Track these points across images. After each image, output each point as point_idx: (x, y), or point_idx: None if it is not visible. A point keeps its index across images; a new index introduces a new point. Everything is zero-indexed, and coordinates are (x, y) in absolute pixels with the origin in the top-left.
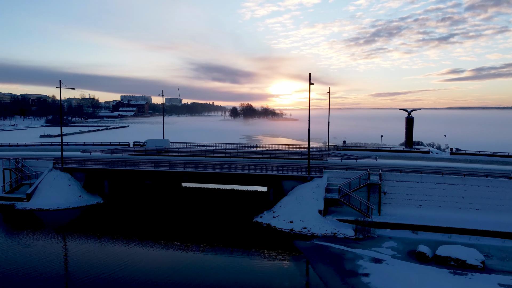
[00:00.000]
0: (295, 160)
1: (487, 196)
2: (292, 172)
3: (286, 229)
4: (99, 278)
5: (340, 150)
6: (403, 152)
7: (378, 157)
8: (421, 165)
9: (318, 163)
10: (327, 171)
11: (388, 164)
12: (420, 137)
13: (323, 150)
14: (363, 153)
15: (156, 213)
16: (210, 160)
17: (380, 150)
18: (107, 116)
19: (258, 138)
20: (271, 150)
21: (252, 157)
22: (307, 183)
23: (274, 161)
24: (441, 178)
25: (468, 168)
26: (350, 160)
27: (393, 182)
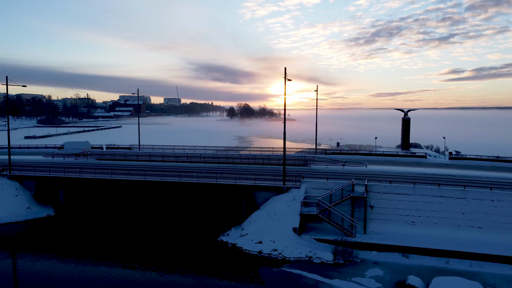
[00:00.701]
0: (276, 166)
1: (491, 211)
2: (266, 181)
3: (254, 251)
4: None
5: (328, 154)
6: (397, 157)
7: (369, 162)
8: (415, 173)
9: (300, 170)
10: (306, 181)
11: (378, 171)
12: (418, 138)
13: (310, 154)
14: (353, 157)
15: (111, 228)
16: (182, 166)
17: (372, 154)
18: (103, 116)
19: (251, 139)
20: (254, 154)
21: (229, 163)
22: (282, 195)
23: (253, 168)
24: (437, 190)
25: (468, 176)
26: (336, 167)
27: (381, 195)
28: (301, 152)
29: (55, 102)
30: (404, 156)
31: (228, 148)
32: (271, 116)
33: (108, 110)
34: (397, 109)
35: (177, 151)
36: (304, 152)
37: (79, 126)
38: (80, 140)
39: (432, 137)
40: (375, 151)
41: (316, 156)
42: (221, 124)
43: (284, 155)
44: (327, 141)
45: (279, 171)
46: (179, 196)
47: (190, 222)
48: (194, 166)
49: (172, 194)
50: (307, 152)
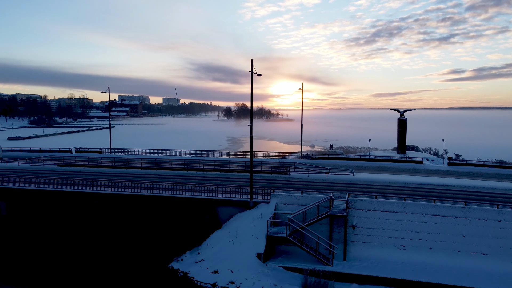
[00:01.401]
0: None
1: (498, 234)
2: (231, 195)
3: (207, 284)
4: None
5: (314, 159)
6: (391, 162)
7: (358, 169)
8: (409, 182)
9: (277, 179)
10: (277, 194)
11: (366, 180)
12: (416, 140)
13: (294, 159)
14: (341, 162)
15: (45, 249)
16: (146, 173)
17: (362, 159)
18: (98, 116)
19: (242, 140)
20: (229, 159)
21: (200, 169)
22: (248, 212)
23: (226, 176)
24: (432, 208)
25: (470, 187)
26: (319, 175)
27: (365, 212)
28: (287, 157)
29: (51, 102)
30: (398, 161)
31: (206, 153)
32: (269, 116)
33: (105, 110)
34: (392, 109)
35: (149, 156)
36: (289, 156)
37: (70, 126)
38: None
39: (431, 138)
40: (366, 155)
41: (297, 162)
42: (217, 124)
43: (251, 162)
44: (321, 142)
45: (255, 180)
46: (131, 211)
47: (142, 242)
48: (159, 174)
49: (124, 209)
50: (292, 156)
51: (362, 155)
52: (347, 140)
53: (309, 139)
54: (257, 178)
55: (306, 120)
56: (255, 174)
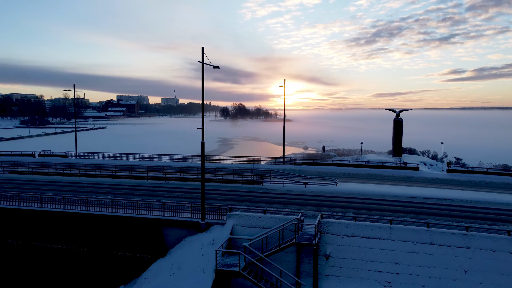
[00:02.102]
0: (228, 185)
1: (510, 271)
2: (180, 213)
3: None
4: None
5: (298, 165)
6: (383, 168)
7: (346, 177)
8: (400, 195)
9: (248, 190)
10: (234, 214)
11: (350, 192)
12: (414, 142)
13: (275, 165)
14: (327, 169)
15: None
16: (101, 182)
17: (351, 165)
18: (94, 116)
19: (234, 141)
20: (197, 166)
21: (162, 178)
22: (199, 235)
23: (191, 186)
24: (426, 234)
25: (472, 201)
26: (296, 186)
27: (341, 238)
28: (271, 162)
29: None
30: (391, 168)
31: (183, 157)
32: (267, 116)
33: (102, 110)
34: (388, 109)
35: (116, 162)
36: (273, 162)
37: (61, 127)
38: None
39: (430, 140)
40: (359, 160)
41: (277, 169)
42: (212, 124)
43: (202, 173)
44: (316, 144)
45: (220, 192)
46: (64, 232)
47: (70, 273)
48: (115, 183)
49: (55, 229)
50: (277, 162)
51: (350, 161)
52: (342, 142)
53: (304, 140)
54: (223, 189)
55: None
56: (223, 184)
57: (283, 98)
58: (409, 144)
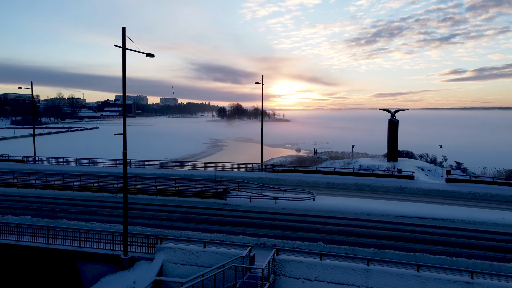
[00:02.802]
0: (182, 201)
1: None
2: (101, 244)
3: None
4: None
5: (277, 172)
6: (373, 176)
7: (329, 187)
8: (389, 214)
9: (203, 206)
10: (165, 247)
11: (328, 209)
12: (412, 144)
13: (253, 172)
14: (309, 177)
15: None
16: (39, 194)
17: (337, 173)
18: (89, 116)
19: (225, 142)
20: (176, 173)
21: (111, 190)
22: (122, 274)
23: (142, 201)
24: (415, 281)
25: (477, 223)
26: (266, 201)
27: (302, 283)
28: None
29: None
30: (383, 176)
31: (146, 162)
32: (265, 116)
33: (98, 110)
34: (382, 109)
35: (74, 168)
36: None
37: (51, 127)
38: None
39: (430, 141)
40: (347, 166)
41: (249, 178)
42: (208, 125)
43: (124, 183)
44: (310, 145)
45: (172, 209)
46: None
47: None
48: (51, 196)
49: None
50: (257, 169)
51: (336, 168)
52: (338, 143)
53: (298, 141)
54: (176, 206)
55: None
56: (179, 198)
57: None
58: (406, 146)
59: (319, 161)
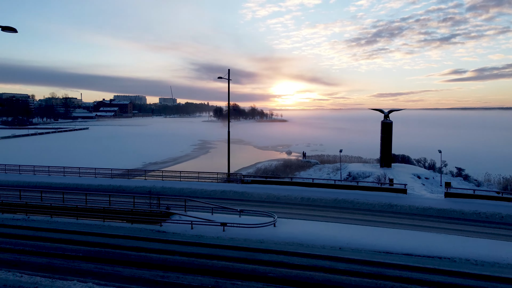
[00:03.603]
0: (107, 226)
1: None
2: None
3: None
4: None
5: (247, 183)
6: (357, 189)
7: (304, 203)
8: (367, 249)
9: (133, 233)
10: None
11: (290, 240)
12: (409, 147)
13: (216, 182)
14: (281, 190)
15: None
16: None
17: (315, 185)
18: (83, 116)
19: (213, 144)
20: (122, 183)
21: (19, 209)
22: None
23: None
24: None
25: (486, 264)
26: (211, 228)
27: None
28: (217, 181)
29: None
30: (370, 189)
31: (113, 173)
32: (262, 116)
33: (93, 110)
34: (374, 109)
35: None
36: (219, 179)
37: (41, 128)
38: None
39: (429, 143)
40: (322, 179)
41: (208, 194)
42: (202, 125)
43: None
44: (303, 148)
45: (88, 243)
46: None
47: None
48: None
49: None
50: (222, 179)
51: (315, 179)
52: (331, 145)
53: (291, 143)
54: (93, 234)
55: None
56: (104, 223)
57: (228, 92)
58: (403, 149)
59: (307, 166)
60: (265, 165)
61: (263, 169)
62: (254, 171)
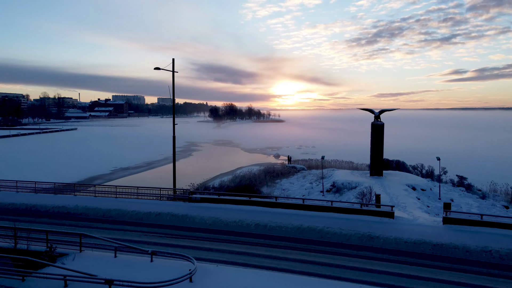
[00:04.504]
0: None
1: None
2: None
3: None
4: None
5: (195, 202)
6: (331, 211)
7: (256, 233)
8: None
9: None
10: None
11: None
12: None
13: (159, 200)
14: (235, 212)
15: None
16: None
17: (277, 206)
18: (76, 116)
19: (199, 147)
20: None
21: None
22: None
23: None
24: None
25: None
26: (92, 286)
27: None
28: (160, 198)
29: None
30: (348, 212)
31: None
32: (259, 117)
33: (88, 110)
34: (364, 109)
35: None
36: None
37: (27, 128)
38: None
39: (428, 146)
40: (287, 198)
41: (131, 223)
42: (196, 126)
43: None
44: (293, 150)
45: None
46: None
47: None
48: None
49: None
50: (160, 196)
51: (279, 197)
52: (324, 147)
53: (282, 145)
54: None
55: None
56: None
57: (173, 87)
58: (399, 154)
59: (292, 172)
60: (245, 172)
61: (241, 176)
62: (230, 179)
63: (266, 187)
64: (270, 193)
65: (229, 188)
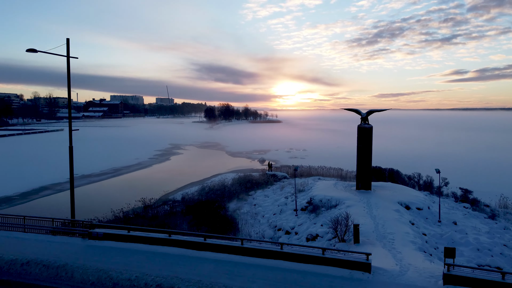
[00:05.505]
0: None
1: None
2: None
3: None
4: None
5: (96, 239)
6: (282, 259)
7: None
8: None
9: None
10: None
11: None
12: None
13: (49, 236)
14: (140, 259)
15: None
16: None
17: (209, 247)
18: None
19: (183, 149)
20: None
21: None
22: None
23: None
24: None
25: None
26: None
27: None
28: (53, 233)
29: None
30: (305, 260)
31: None
32: (256, 117)
33: (82, 110)
34: (348, 109)
35: None
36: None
37: (10, 129)
38: None
39: (428, 150)
40: (219, 239)
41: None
42: (188, 127)
43: None
44: (281, 154)
45: None
46: None
47: None
48: None
49: None
50: (54, 230)
51: (207, 235)
52: (316, 151)
53: (271, 148)
54: None
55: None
56: None
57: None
58: (393, 161)
59: (271, 181)
60: (219, 180)
61: (210, 188)
62: (198, 190)
63: (236, 201)
64: (238, 208)
65: (193, 201)
